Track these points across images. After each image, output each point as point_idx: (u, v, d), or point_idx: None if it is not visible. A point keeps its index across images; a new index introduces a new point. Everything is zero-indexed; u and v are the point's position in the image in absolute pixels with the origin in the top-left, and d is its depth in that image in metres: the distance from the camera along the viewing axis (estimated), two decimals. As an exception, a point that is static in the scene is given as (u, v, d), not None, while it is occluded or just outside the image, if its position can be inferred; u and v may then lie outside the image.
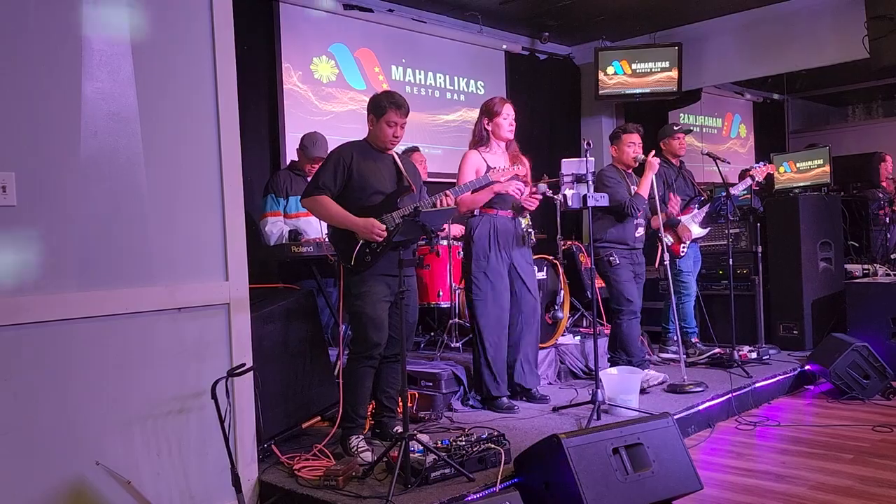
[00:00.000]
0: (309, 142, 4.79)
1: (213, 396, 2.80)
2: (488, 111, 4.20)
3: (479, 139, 4.21)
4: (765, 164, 5.61)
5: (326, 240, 3.93)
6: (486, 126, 4.19)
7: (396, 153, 3.67)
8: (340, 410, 3.48)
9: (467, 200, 4.11)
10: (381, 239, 3.39)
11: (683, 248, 5.20)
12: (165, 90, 2.98)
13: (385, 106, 3.52)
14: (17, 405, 2.59)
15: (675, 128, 5.48)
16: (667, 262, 4.85)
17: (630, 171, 4.98)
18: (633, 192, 4.81)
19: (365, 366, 3.46)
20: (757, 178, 5.46)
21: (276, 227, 4.68)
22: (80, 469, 2.71)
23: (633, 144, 4.90)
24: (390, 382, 3.63)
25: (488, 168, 4.13)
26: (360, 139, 3.66)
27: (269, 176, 5.07)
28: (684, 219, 5.21)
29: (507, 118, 4.18)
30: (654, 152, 4.92)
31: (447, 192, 3.60)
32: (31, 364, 2.62)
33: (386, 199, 3.51)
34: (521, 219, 4.24)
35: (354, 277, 3.47)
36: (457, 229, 5.27)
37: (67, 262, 2.71)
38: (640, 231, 4.90)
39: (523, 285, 4.24)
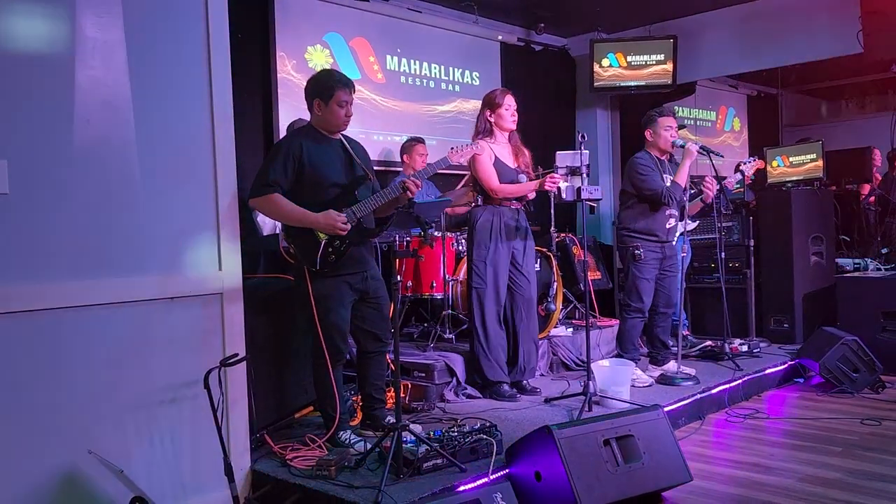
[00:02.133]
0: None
1: (206, 386, 2.80)
2: (490, 102, 4.22)
3: (482, 131, 4.23)
4: (755, 160, 5.62)
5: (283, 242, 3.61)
6: (489, 118, 4.21)
7: (344, 136, 3.44)
8: (336, 420, 3.34)
9: (508, 191, 4.14)
10: (344, 233, 3.22)
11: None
12: (159, 78, 2.96)
13: (333, 86, 3.28)
14: (8, 394, 2.58)
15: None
16: (685, 254, 4.81)
17: (665, 157, 4.71)
18: (668, 182, 4.59)
19: (334, 369, 3.36)
20: (747, 174, 5.47)
21: (268, 219, 4.65)
22: (72, 458, 2.71)
23: (670, 128, 4.62)
24: (378, 375, 3.58)
25: (496, 159, 4.15)
26: (305, 124, 3.42)
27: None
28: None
29: (508, 109, 4.20)
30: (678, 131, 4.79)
31: (411, 178, 3.38)
32: (23, 353, 2.62)
33: (343, 192, 3.30)
34: (522, 210, 4.26)
35: (315, 279, 3.27)
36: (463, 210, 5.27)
37: (60, 250, 2.70)
38: (672, 222, 4.66)
39: (524, 278, 4.28)
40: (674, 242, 4.74)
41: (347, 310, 3.38)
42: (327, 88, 3.31)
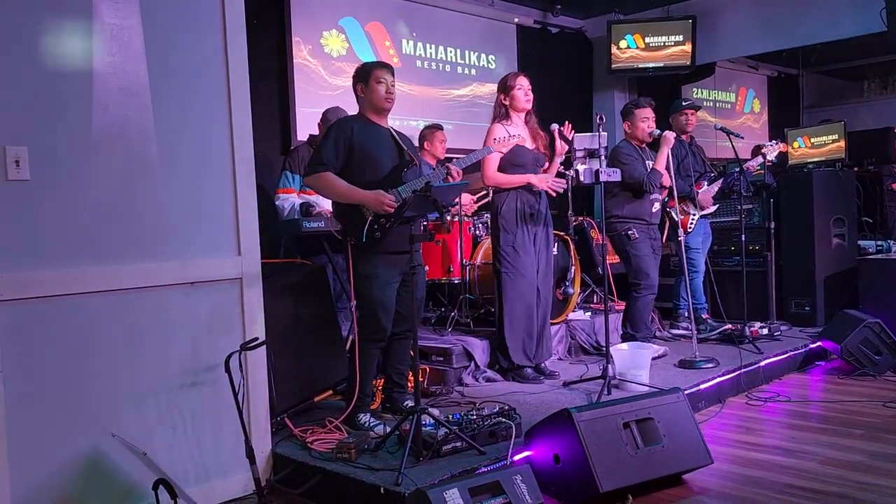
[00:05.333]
0: (333, 116, 4.74)
1: (227, 370, 2.83)
2: (503, 86, 4.24)
3: (499, 116, 4.22)
4: (777, 143, 5.55)
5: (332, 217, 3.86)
6: (504, 101, 4.22)
7: (394, 129, 3.58)
8: (356, 393, 3.40)
9: (496, 179, 4.16)
10: (391, 210, 3.31)
11: (691, 223, 5.15)
12: (176, 64, 2.97)
13: (370, 68, 3.48)
14: (32, 378, 2.62)
15: (684, 103, 5.40)
16: (682, 238, 4.81)
17: (644, 146, 4.91)
18: (649, 168, 4.76)
19: (373, 347, 3.45)
20: (769, 157, 5.41)
21: (287, 203, 4.68)
22: (96, 441, 2.75)
23: (646, 119, 4.84)
24: (401, 358, 3.62)
25: (516, 144, 4.14)
26: (356, 113, 3.56)
27: (289, 151, 5.08)
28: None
29: (521, 88, 4.19)
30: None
31: (450, 165, 3.51)
32: (46, 338, 2.65)
33: (391, 173, 3.42)
34: (544, 195, 4.26)
35: (362, 257, 3.40)
36: (465, 198, 5.26)
37: (80, 236, 2.73)
38: (657, 206, 4.84)
39: (544, 261, 4.28)
40: (688, 229, 4.78)
41: (392, 288, 3.44)
42: (366, 71, 3.48)
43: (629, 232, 4.70)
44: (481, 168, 4.19)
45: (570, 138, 4.20)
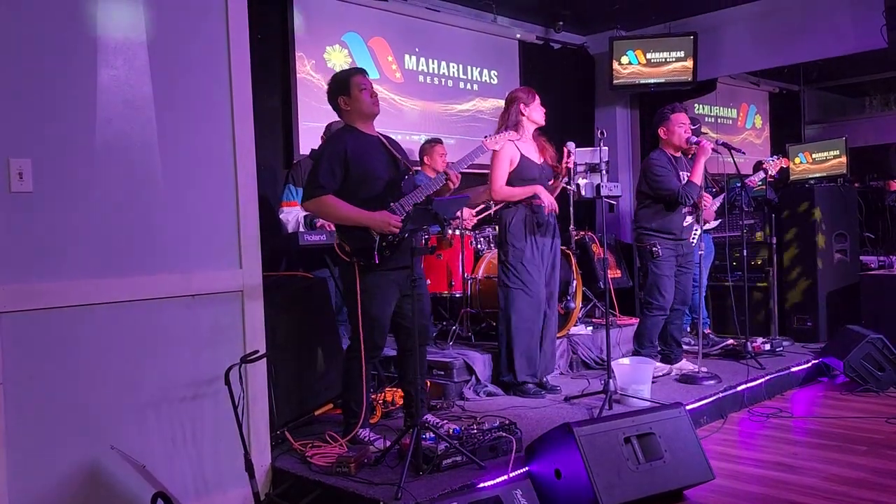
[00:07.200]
0: (336, 129, 4.75)
1: (227, 383, 2.82)
2: (523, 97, 4.20)
3: (512, 125, 4.12)
4: (778, 158, 5.56)
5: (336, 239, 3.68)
6: (522, 110, 4.18)
7: (382, 135, 3.49)
8: (363, 413, 3.34)
9: (504, 193, 4.15)
10: (397, 231, 3.25)
11: (694, 237, 5.13)
12: (180, 78, 2.99)
13: (348, 77, 3.38)
14: (33, 390, 2.62)
15: (693, 126, 5.36)
16: (702, 253, 4.76)
17: (679, 154, 4.68)
18: (684, 180, 4.57)
19: (367, 364, 3.35)
20: (770, 172, 5.41)
21: (290, 216, 4.70)
22: (95, 453, 2.74)
23: (683, 125, 4.60)
24: (420, 373, 3.52)
25: (521, 157, 4.13)
26: (343, 125, 3.45)
27: (291, 165, 5.10)
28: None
29: (539, 102, 4.21)
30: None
31: (447, 170, 3.40)
32: (47, 349, 2.65)
33: (389, 186, 3.34)
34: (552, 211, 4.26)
35: (366, 275, 3.28)
36: (465, 212, 5.27)
37: (82, 248, 2.73)
38: (689, 220, 4.63)
39: (549, 274, 4.28)
40: (692, 241, 4.69)
41: (391, 306, 3.37)
42: (343, 82, 3.38)
43: (654, 248, 4.51)
44: (489, 182, 4.19)
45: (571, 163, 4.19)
